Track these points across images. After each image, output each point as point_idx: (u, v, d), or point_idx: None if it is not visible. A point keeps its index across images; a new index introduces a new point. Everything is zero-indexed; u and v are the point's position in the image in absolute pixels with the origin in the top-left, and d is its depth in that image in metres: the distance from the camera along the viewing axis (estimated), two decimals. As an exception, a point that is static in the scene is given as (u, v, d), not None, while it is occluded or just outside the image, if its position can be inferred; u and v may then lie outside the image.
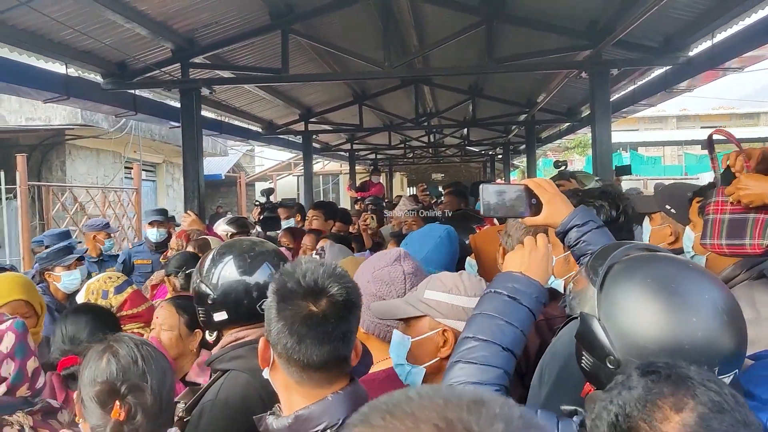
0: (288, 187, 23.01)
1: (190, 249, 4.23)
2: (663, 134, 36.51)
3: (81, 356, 1.65)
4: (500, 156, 17.14)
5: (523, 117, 10.40)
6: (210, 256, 1.97)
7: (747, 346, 1.16)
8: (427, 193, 5.54)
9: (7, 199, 7.99)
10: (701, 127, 38.83)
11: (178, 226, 6.25)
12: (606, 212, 1.97)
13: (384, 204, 7.74)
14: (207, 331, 2.04)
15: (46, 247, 4.84)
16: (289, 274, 1.32)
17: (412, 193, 23.20)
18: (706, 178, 24.42)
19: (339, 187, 23.78)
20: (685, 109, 35.79)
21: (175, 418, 1.72)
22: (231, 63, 6.57)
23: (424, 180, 29.23)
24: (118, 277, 3.15)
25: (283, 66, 5.71)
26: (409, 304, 1.70)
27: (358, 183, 13.25)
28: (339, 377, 1.33)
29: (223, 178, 17.37)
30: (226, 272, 1.89)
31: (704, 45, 4.90)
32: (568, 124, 10.56)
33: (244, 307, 1.88)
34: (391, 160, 19.56)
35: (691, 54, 5.07)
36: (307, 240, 4.51)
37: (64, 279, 3.99)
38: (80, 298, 3.08)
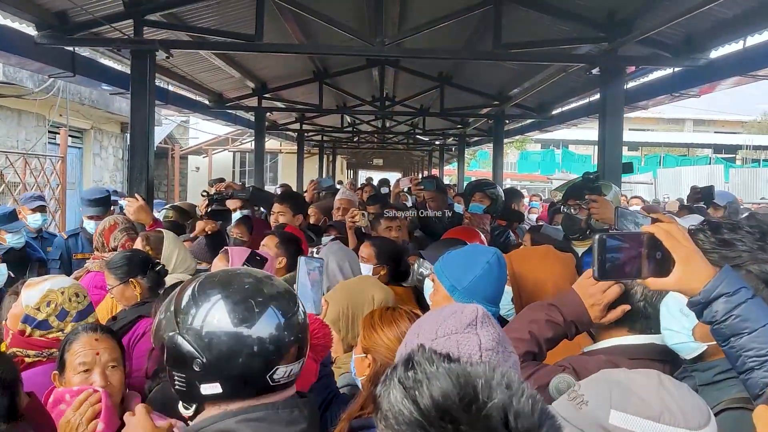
0: (223, 162, 21.93)
1: (139, 244, 3.48)
2: (594, 133, 37.36)
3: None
4: (449, 147, 16.75)
5: (486, 110, 9.93)
6: (188, 293, 1.31)
7: None
8: (422, 188, 4.94)
9: None
10: (629, 129, 40.33)
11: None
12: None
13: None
14: (181, 404, 1.38)
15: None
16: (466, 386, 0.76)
17: (350, 180, 22.53)
18: (639, 179, 25.16)
19: (277, 166, 22.87)
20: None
21: None
22: (189, 24, 5.72)
23: (363, 165, 28.70)
24: (84, 297, 2.41)
25: (257, 32, 4.94)
26: None
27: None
28: None
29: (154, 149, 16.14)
30: (220, 320, 1.26)
31: (732, 48, 4.51)
32: (531, 120, 10.20)
33: (251, 378, 1.28)
34: (335, 143, 18.78)
35: (711, 57, 4.69)
36: (267, 240, 3.59)
37: None
38: (30, 299, 2.30)
